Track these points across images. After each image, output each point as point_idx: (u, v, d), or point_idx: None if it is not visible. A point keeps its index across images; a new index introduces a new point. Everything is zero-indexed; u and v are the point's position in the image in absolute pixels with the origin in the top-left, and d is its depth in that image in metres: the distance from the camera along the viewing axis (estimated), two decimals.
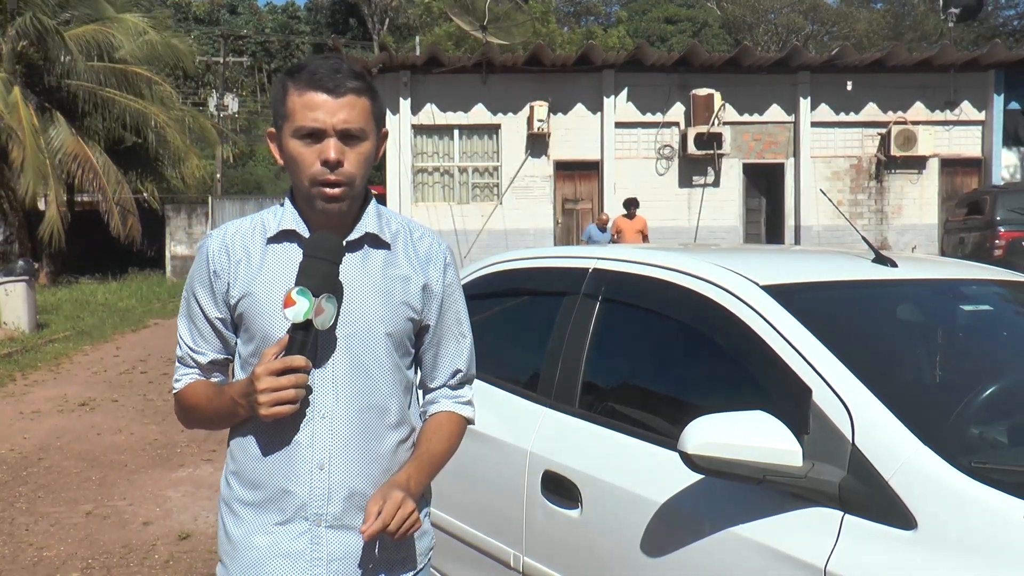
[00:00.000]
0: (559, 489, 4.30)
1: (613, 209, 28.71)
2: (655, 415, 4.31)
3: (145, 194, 37.43)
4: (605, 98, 28.92)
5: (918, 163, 29.58)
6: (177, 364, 3.22)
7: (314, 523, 2.99)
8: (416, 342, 3.22)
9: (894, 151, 28.98)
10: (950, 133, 29.72)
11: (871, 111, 29.51)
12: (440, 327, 3.24)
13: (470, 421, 3.35)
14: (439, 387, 3.29)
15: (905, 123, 29.14)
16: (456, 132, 29.23)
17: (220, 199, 41.30)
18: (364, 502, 2.99)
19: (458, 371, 3.30)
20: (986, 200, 23.95)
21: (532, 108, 28.34)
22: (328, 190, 2.91)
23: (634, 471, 4.01)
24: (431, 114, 28.92)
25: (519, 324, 5.63)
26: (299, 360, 2.81)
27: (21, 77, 32.32)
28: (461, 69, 28.62)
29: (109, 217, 33.50)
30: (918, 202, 29.90)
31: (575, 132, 29.13)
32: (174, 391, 3.22)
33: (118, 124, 34.92)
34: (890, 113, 29.44)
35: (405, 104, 28.71)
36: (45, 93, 33.14)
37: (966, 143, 29.86)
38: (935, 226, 29.65)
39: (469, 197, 29.21)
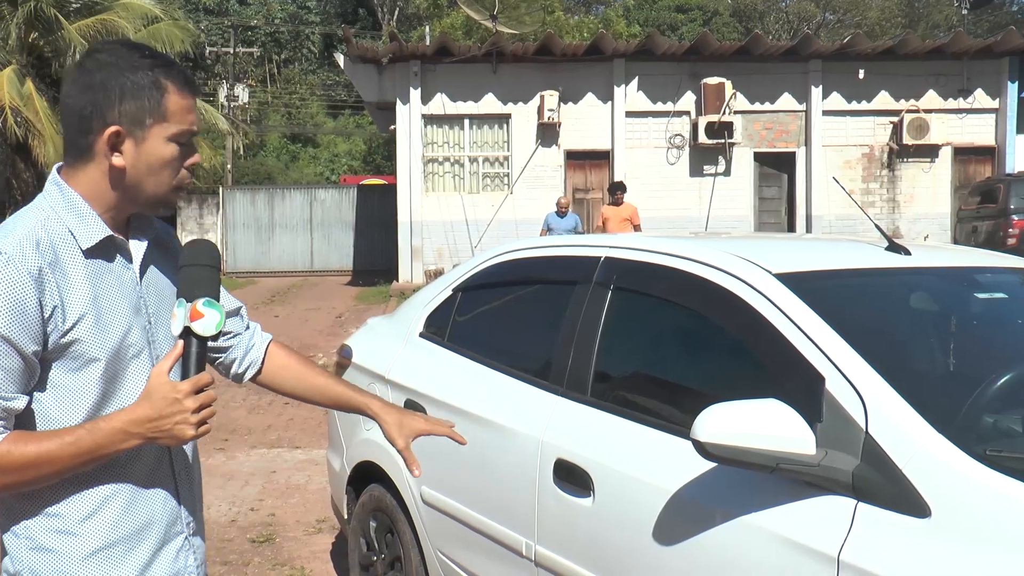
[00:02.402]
0: (571, 477, 4.30)
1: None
2: (667, 403, 4.32)
3: None
4: (616, 87, 28.84)
5: (931, 151, 29.45)
6: None
7: (187, 534, 2.94)
8: None
9: (906, 140, 28.82)
10: (963, 121, 29.55)
11: (883, 99, 29.37)
12: None
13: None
14: (238, 332, 3.22)
15: (918, 111, 28.95)
16: (466, 122, 29.17)
17: (231, 189, 41.47)
18: (200, 500, 3.06)
19: (239, 307, 3.26)
20: (999, 188, 24.01)
21: (542, 97, 28.28)
22: (181, 193, 2.86)
23: (647, 459, 4.02)
24: (441, 104, 28.87)
25: (531, 313, 5.63)
26: (211, 376, 2.67)
27: (32, 68, 32.41)
28: (471, 59, 28.57)
29: None
30: (931, 191, 29.77)
31: (585, 121, 29.06)
32: None
33: None
34: (902, 101, 29.26)
35: (415, 94, 28.64)
36: (55, 84, 33.22)
37: (979, 131, 29.69)
38: (948, 215, 29.54)
39: (480, 187, 29.20)
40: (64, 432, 2.60)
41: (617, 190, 22.16)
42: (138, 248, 2.86)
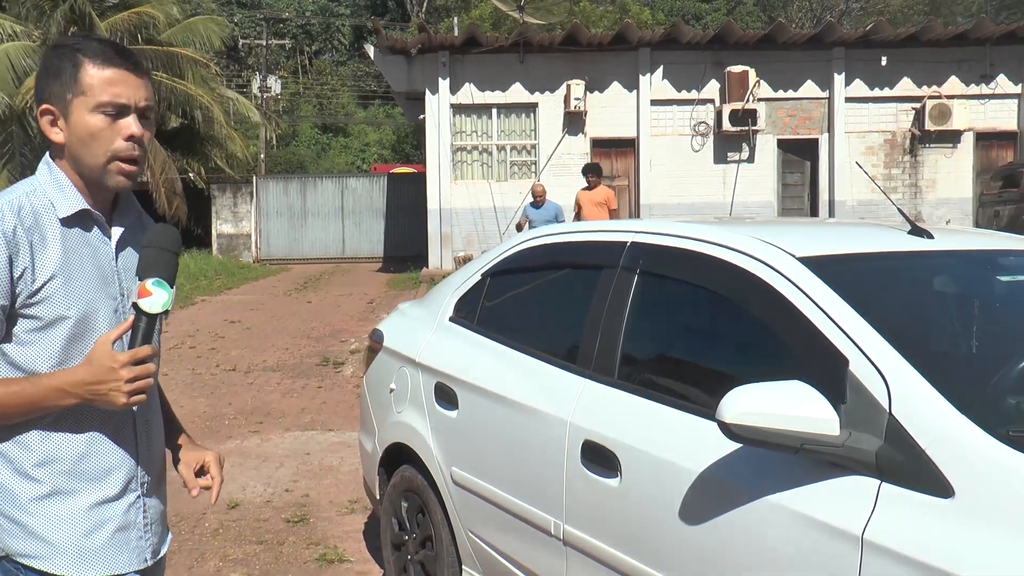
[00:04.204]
0: (599, 458, 4.34)
1: (650, 185, 28.88)
2: (693, 385, 4.33)
3: (191, 174, 37.72)
4: (641, 76, 28.86)
5: (953, 137, 29.37)
6: None
7: (141, 492, 3.10)
8: None
9: (929, 125, 28.75)
10: (985, 107, 29.45)
11: (906, 86, 29.28)
12: None
13: None
14: None
15: (940, 97, 28.88)
16: (494, 111, 29.29)
17: (264, 178, 41.76)
18: (161, 467, 3.24)
19: None
20: (1022, 173, 23.84)
21: (569, 86, 28.37)
22: (128, 166, 2.94)
23: (673, 440, 4.04)
24: (470, 93, 28.98)
25: (558, 297, 5.64)
26: (155, 349, 2.86)
27: None
28: (499, 49, 28.62)
29: (156, 196, 33.71)
30: (953, 176, 29.68)
31: (611, 110, 29.09)
32: None
33: (164, 105, 35.09)
34: (925, 88, 29.19)
35: (444, 84, 28.78)
36: None
37: (1002, 116, 29.58)
38: (970, 200, 29.43)
39: (507, 175, 29.31)
40: (12, 381, 2.83)
41: (589, 172, 20.38)
42: (118, 227, 3.06)
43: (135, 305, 2.82)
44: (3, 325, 2.85)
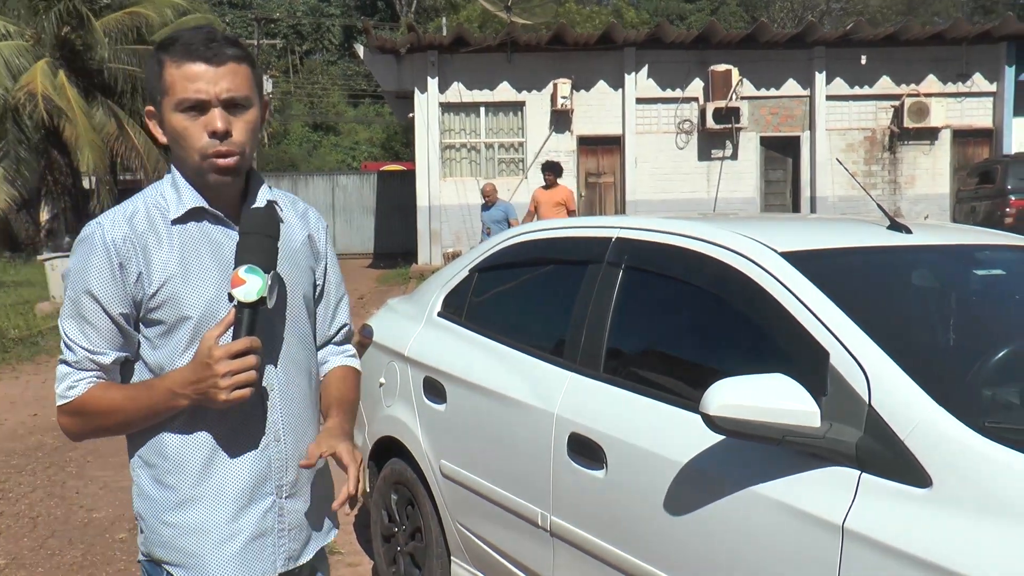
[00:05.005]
0: (585, 450, 4.37)
1: (636, 182, 29.29)
2: (677, 379, 4.33)
3: None
4: (626, 75, 29.13)
5: (930, 134, 29.74)
6: (68, 370, 2.86)
7: (277, 495, 2.98)
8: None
9: (907, 123, 29.14)
10: (962, 104, 29.83)
11: (885, 84, 29.63)
12: (327, 285, 3.26)
13: (360, 372, 3.40)
14: (326, 343, 3.30)
15: (918, 95, 29.26)
16: (482, 109, 29.50)
17: None
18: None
19: (344, 325, 3.36)
20: (997, 169, 24.29)
21: (555, 85, 28.59)
22: (220, 161, 2.81)
23: (657, 433, 4.06)
24: (458, 92, 29.20)
25: (545, 292, 5.65)
26: (256, 341, 2.72)
27: (65, 62, 32.88)
28: (487, 48, 28.80)
29: None
30: (930, 172, 30.06)
31: (597, 108, 29.35)
32: (67, 399, 2.86)
33: None
34: (903, 86, 29.57)
35: (433, 83, 28.98)
36: (87, 76, 33.62)
37: (978, 114, 29.96)
38: (947, 196, 29.79)
39: (495, 172, 29.50)
40: (131, 387, 2.87)
41: (548, 171, 19.96)
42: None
43: (229, 295, 2.74)
44: (134, 335, 2.88)
